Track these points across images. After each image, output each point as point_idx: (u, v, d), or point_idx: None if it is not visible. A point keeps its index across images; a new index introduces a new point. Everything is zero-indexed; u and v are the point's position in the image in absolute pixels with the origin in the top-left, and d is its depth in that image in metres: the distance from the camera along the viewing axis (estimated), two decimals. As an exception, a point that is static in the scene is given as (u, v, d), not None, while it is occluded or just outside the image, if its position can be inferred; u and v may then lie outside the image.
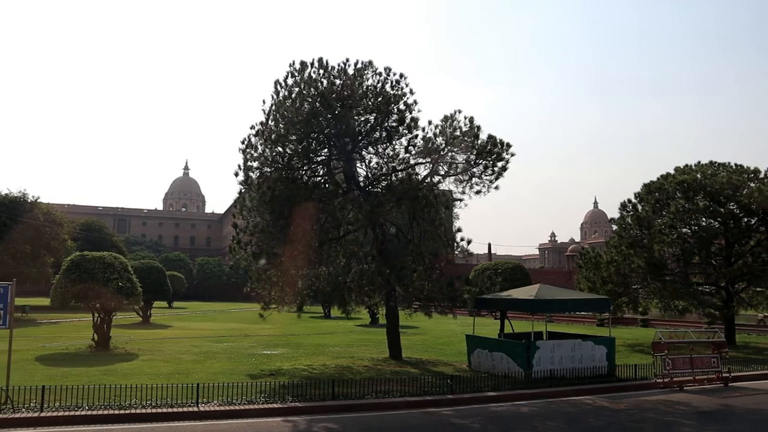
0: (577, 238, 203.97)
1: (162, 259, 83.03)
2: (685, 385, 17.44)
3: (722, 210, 26.57)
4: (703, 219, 27.14)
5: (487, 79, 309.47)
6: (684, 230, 26.69)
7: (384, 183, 21.53)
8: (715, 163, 28.89)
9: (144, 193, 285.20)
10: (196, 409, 13.36)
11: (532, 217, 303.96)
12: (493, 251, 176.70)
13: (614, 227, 29.10)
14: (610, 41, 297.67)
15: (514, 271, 34.69)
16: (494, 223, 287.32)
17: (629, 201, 28.46)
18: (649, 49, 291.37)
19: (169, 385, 14.44)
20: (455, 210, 24.00)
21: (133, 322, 39.10)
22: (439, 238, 22.25)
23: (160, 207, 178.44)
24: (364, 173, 22.30)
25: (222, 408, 13.58)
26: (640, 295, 28.26)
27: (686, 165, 29.11)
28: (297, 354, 24.08)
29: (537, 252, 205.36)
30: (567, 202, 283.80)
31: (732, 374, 18.53)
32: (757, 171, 28.36)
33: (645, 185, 28.61)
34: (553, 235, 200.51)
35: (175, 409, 13.27)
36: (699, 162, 29.00)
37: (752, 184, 27.44)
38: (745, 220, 27.58)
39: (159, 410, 13.15)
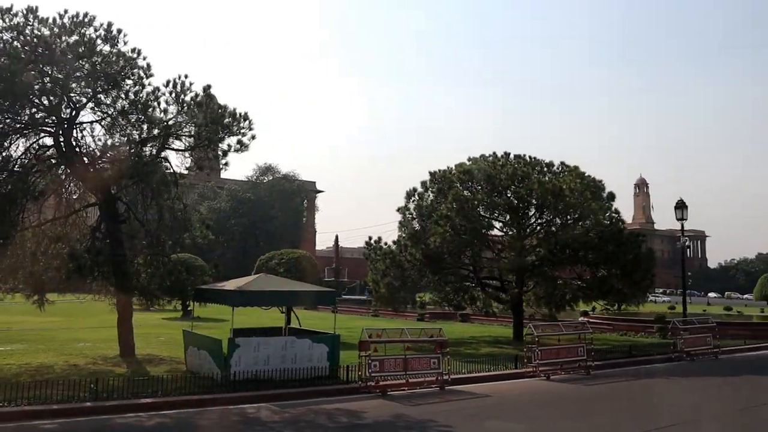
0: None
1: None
2: (390, 390, 15.47)
3: (500, 201, 25.15)
4: (480, 210, 25.73)
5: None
6: (458, 221, 24.97)
7: (102, 155, 18.86)
8: (510, 154, 27.64)
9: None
10: None
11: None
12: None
13: (400, 217, 27.29)
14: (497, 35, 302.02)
15: (299, 261, 32.75)
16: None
17: (414, 190, 26.72)
18: (543, 48, 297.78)
19: None
20: (316, 202, 21.85)
21: None
22: (177, 221, 19.79)
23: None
24: (89, 144, 19.48)
25: None
26: (417, 288, 26.78)
27: (481, 155, 27.78)
28: (25, 350, 21.00)
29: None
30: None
31: (452, 376, 16.78)
32: (550, 164, 27.34)
33: (431, 173, 26.80)
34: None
35: None
36: (494, 152, 27.67)
37: (545, 177, 26.32)
38: (524, 212, 26.46)
39: None
